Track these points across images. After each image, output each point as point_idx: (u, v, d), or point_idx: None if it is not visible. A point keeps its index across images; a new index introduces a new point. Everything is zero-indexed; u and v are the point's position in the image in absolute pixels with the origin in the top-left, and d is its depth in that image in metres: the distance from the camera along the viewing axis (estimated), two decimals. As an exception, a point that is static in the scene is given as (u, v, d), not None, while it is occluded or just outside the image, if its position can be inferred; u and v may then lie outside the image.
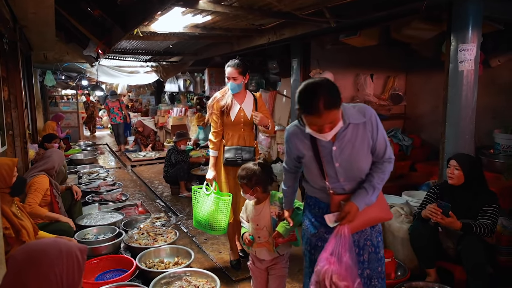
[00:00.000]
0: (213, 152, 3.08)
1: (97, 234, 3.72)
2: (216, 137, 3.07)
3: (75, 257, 1.20)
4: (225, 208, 2.88)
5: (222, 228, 2.93)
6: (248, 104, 3.06)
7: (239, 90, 2.99)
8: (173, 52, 6.75)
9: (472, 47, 2.80)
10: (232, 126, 3.05)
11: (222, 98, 3.04)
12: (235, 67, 2.93)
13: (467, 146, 2.98)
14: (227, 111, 3.00)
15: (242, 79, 2.97)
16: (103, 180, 5.99)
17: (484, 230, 2.49)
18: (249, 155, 2.98)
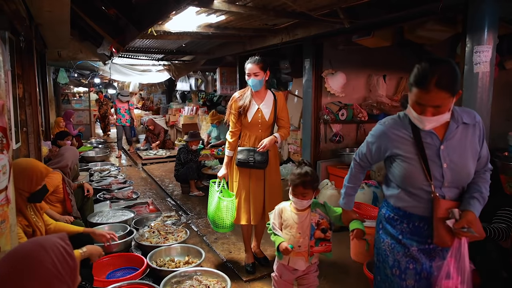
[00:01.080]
0: (228, 151, 3.09)
1: None
2: (233, 137, 3.07)
3: (59, 245, 1.20)
4: (226, 208, 2.96)
5: (224, 227, 3.03)
6: (268, 104, 3.02)
7: (260, 87, 2.97)
8: (185, 51, 6.80)
9: (488, 48, 2.77)
10: (249, 127, 3.02)
11: (241, 98, 3.03)
12: (255, 63, 2.92)
13: (481, 148, 2.95)
14: (245, 112, 2.98)
15: (263, 75, 2.95)
16: (114, 178, 6.07)
17: (499, 233, 2.47)
18: (262, 157, 2.94)
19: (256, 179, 3.04)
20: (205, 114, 9.47)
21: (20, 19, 3.15)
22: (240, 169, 3.03)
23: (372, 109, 5.24)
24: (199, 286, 2.73)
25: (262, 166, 2.95)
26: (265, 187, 3.05)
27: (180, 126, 9.99)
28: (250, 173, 3.03)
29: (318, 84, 4.95)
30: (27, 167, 2.34)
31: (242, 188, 3.06)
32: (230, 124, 3.08)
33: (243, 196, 3.05)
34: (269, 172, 3.05)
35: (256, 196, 3.03)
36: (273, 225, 2.26)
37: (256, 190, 3.04)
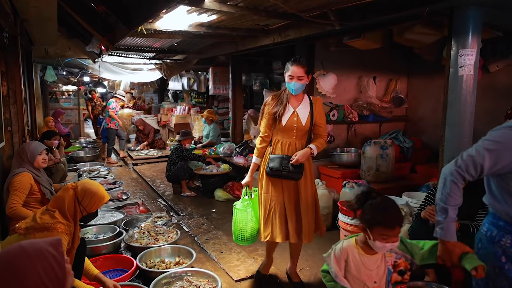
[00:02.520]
0: (256, 158, 2.85)
1: (97, 233, 3.71)
2: (262, 142, 2.81)
3: (49, 253, 1.09)
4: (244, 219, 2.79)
5: (243, 239, 2.82)
6: (304, 108, 2.75)
7: (301, 91, 2.73)
8: (177, 50, 6.81)
9: (472, 52, 2.86)
10: (283, 132, 2.74)
11: (275, 102, 2.75)
12: (301, 65, 2.64)
13: (465, 148, 3.02)
14: (279, 117, 2.70)
15: (307, 79, 2.69)
16: (103, 178, 6.00)
17: (481, 231, 2.55)
18: (296, 167, 2.65)
19: (288, 192, 2.75)
20: (197, 114, 9.48)
21: (4, 14, 3.08)
22: (271, 179, 2.75)
23: (363, 110, 5.33)
24: (189, 287, 2.73)
25: (296, 176, 2.67)
26: (300, 201, 2.74)
27: (172, 125, 9.98)
28: (282, 185, 2.75)
29: (310, 84, 5.01)
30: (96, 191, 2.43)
31: (274, 201, 2.75)
32: (261, 129, 2.82)
33: (277, 210, 2.73)
34: (304, 184, 2.75)
35: (291, 211, 2.75)
36: (336, 273, 1.76)
37: (290, 204, 2.75)
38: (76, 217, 2.36)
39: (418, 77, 5.78)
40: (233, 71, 7.05)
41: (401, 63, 5.76)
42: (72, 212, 2.33)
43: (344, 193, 3.98)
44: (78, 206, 2.35)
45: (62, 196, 2.35)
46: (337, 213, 3.51)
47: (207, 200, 5.29)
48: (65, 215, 2.30)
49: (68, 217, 2.31)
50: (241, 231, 2.80)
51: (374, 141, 4.50)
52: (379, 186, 4.28)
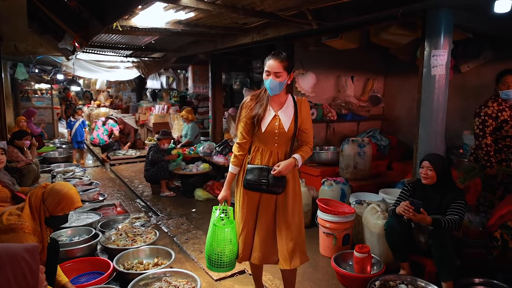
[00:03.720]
0: (232, 167, 2.45)
1: (71, 235, 3.60)
2: (240, 150, 2.43)
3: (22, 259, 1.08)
4: (223, 241, 2.34)
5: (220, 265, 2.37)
6: (288, 111, 2.38)
7: (279, 91, 2.32)
8: (155, 48, 6.72)
9: (444, 53, 2.97)
10: (263, 138, 2.37)
11: (253, 103, 2.40)
12: (279, 59, 2.27)
13: (438, 146, 3.16)
14: (259, 121, 2.34)
15: (286, 77, 2.31)
16: (79, 179, 5.83)
17: (452, 224, 2.64)
18: (277, 180, 2.32)
19: (265, 207, 2.40)
20: (176, 113, 9.38)
21: (-30, 9, 2.98)
22: (248, 193, 2.40)
23: (341, 109, 5.42)
24: (168, 287, 2.71)
25: (277, 190, 2.34)
26: (277, 218, 2.40)
27: (150, 125, 9.82)
28: (261, 199, 2.40)
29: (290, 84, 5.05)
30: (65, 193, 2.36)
31: (247, 216, 2.41)
32: (238, 135, 2.45)
33: (247, 227, 2.41)
34: (284, 201, 2.39)
35: (263, 228, 2.40)
36: None
37: (264, 221, 2.40)
38: (40, 217, 2.29)
39: (394, 77, 5.94)
40: (212, 69, 7.02)
41: (378, 63, 5.90)
42: (38, 212, 2.29)
43: (323, 190, 4.05)
44: (42, 205, 2.29)
45: (33, 194, 2.32)
46: (316, 210, 3.56)
47: (187, 200, 5.24)
48: (32, 214, 2.25)
49: (35, 216, 2.26)
50: (220, 255, 2.35)
51: (352, 139, 4.58)
52: (357, 184, 4.37)
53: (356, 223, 3.47)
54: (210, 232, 2.40)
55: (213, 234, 2.37)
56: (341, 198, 4.05)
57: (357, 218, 3.46)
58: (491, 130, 3.18)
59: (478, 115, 3.22)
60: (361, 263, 2.89)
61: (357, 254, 2.90)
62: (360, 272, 2.88)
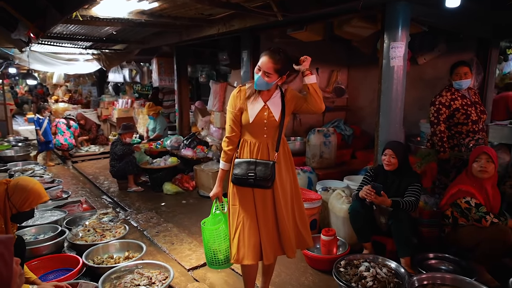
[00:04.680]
0: (223, 164, 2.37)
1: (36, 234, 3.50)
2: (229, 144, 2.33)
3: None
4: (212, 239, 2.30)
5: (218, 262, 2.34)
6: (276, 101, 2.30)
7: (265, 89, 2.27)
8: (117, 39, 6.50)
9: (402, 45, 3.14)
10: (251, 130, 2.29)
11: (241, 94, 2.32)
12: (273, 60, 2.17)
13: (397, 134, 3.35)
14: (247, 111, 2.27)
15: (276, 79, 2.22)
16: (39, 177, 5.56)
17: (410, 205, 2.84)
18: (265, 172, 2.20)
19: (263, 201, 2.28)
20: (141, 107, 9.18)
21: None
22: (239, 188, 2.30)
23: (306, 100, 5.54)
24: (140, 279, 2.71)
25: (265, 184, 2.21)
26: (277, 209, 2.29)
27: (114, 120, 9.56)
28: (255, 194, 2.29)
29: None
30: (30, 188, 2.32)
31: (243, 213, 2.28)
32: (227, 128, 2.34)
33: (246, 225, 2.26)
34: (282, 188, 2.30)
35: (267, 224, 2.28)
36: None
37: (266, 216, 2.28)
38: (6, 214, 2.23)
39: (357, 69, 6.15)
40: (178, 62, 6.93)
41: (341, 55, 6.08)
42: (3, 209, 2.22)
43: (291, 179, 4.15)
44: (7, 202, 2.24)
45: None
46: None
47: (156, 194, 5.20)
48: None
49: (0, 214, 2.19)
50: (214, 254, 2.32)
51: (318, 129, 4.73)
52: (323, 172, 4.53)
53: (323, 209, 3.62)
54: (203, 234, 2.38)
55: (204, 236, 2.36)
56: (308, 186, 4.19)
57: (323, 204, 3.60)
58: (444, 118, 3.40)
59: (433, 104, 3.44)
60: (327, 246, 3.03)
61: (323, 237, 3.03)
62: (327, 253, 3.02)
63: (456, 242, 2.91)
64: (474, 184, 2.81)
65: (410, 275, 2.62)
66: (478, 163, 2.80)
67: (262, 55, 2.22)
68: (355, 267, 2.79)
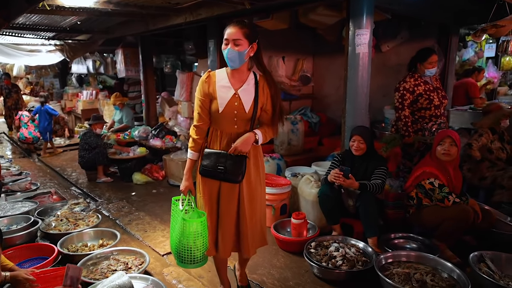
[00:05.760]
0: (190, 153, 2.22)
1: (8, 224, 3.46)
2: (198, 133, 2.19)
3: None
4: (194, 234, 2.06)
5: (193, 260, 2.11)
6: (249, 89, 2.13)
7: (239, 64, 2.07)
8: (80, 29, 6.27)
9: (366, 32, 3.23)
10: (221, 120, 2.15)
11: (210, 79, 2.15)
12: (239, 26, 2.03)
13: (363, 119, 3.46)
14: (215, 100, 2.12)
15: (247, 47, 2.05)
16: (6, 170, 5.48)
17: (376, 188, 2.97)
18: (235, 166, 2.10)
19: (227, 196, 2.19)
20: (106, 98, 8.92)
21: None
22: (207, 180, 2.20)
23: (274, 89, 5.60)
24: (117, 264, 2.75)
25: (234, 179, 2.13)
26: (240, 206, 2.20)
27: (79, 112, 9.25)
28: (221, 186, 2.20)
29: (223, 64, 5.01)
30: None
31: (207, 205, 2.21)
32: (195, 116, 2.20)
33: (209, 218, 2.20)
34: (248, 184, 2.21)
35: (227, 218, 2.20)
36: None
37: (227, 210, 2.20)
38: None
39: (322, 57, 6.27)
40: (143, 52, 6.79)
41: (307, 44, 6.17)
42: None
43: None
44: None
45: None
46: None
47: (125, 185, 5.14)
48: None
49: None
50: (191, 251, 2.09)
51: (285, 117, 4.79)
52: (291, 159, 4.63)
53: (292, 194, 3.71)
54: (178, 227, 2.10)
55: (182, 229, 2.07)
56: (277, 172, 4.27)
57: (292, 189, 3.69)
58: (408, 103, 3.50)
59: (398, 90, 3.55)
60: (298, 229, 3.12)
61: (294, 221, 3.12)
62: (297, 236, 3.11)
63: (420, 221, 3.06)
64: (437, 166, 2.94)
65: (377, 254, 2.75)
66: (442, 146, 2.93)
67: (227, 27, 2.07)
68: (325, 248, 2.90)
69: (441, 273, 2.51)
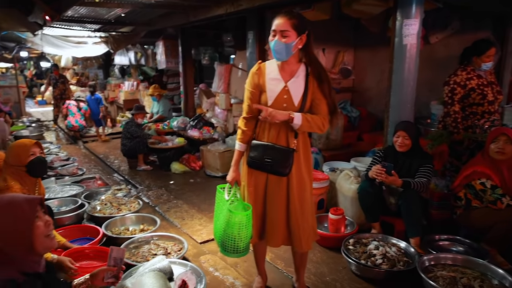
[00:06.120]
0: (238, 144, 2.20)
1: (58, 206, 3.68)
2: (246, 125, 2.17)
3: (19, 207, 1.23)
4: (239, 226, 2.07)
5: (236, 250, 2.12)
6: (298, 82, 2.07)
7: (286, 56, 2.01)
8: (124, 21, 6.48)
9: (415, 22, 3.06)
10: None
11: (261, 71, 2.12)
12: (287, 16, 1.96)
13: (408, 114, 3.31)
14: (265, 93, 2.09)
15: (295, 39, 1.97)
16: (55, 155, 5.83)
17: (421, 186, 2.83)
18: (282, 158, 2.07)
19: (274, 189, 2.16)
20: (146, 89, 9.17)
21: None
22: (254, 171, 2.18)
23: (313, 82, 5.49)
24: (157, 249, 2.84)
25: (282, 171, 2.09)
26: (290, 199, 2.16)
27: (121, 102, 9.60)
28: (268, 180, 2.17)
29: (262, 56, 5.05)
30: (13, 145, 2.56)
31: (254, 196, 2.19)
32: (244, 107, 2.18)
33: (255, 208, 2.18)
34: (298, 177, 2.15)
35: (275, 211, 2.18)
36: None
37: (275, 202, 2.17)
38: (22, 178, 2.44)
39: (363, 49, 6.05)
40: (183, 44, 6.89)
41: (348, 35, 5.97)
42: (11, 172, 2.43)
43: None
44: (11, 167, 2.45)
45: None
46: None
47: (164, 173, 5.29)
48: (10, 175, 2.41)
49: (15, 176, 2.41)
50: (235, 241, 2.10)
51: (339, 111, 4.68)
52: (329, 153, 4.53)
53: (330, 189, 3.63)
54: (223, 216, 2.13)
55: (227, 219, 2.09)
56: (314, 167, 4.19)
57: (330, 184, 3.61)
58: (459, 98, 3.28)
59: (448, 83, 3.34)
60: (335, 224, 3.06)
61: (332, 216, 3.06)
62: (334, 232, 3.05)
63: (469, 224, 2.87)
64: (490, 166, 2.74)
65: (420, 255, 2.63)
66: (496, 144, 2.73)
67: (275, 19, 2.00)
68: (364, 245, 2.82)
69: (491, 279, 2.36)
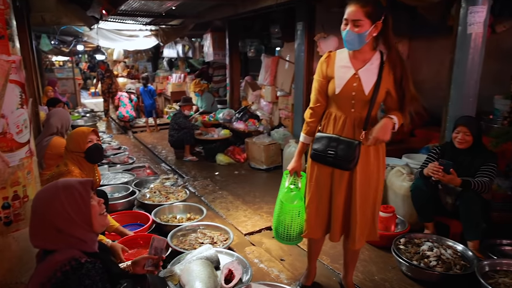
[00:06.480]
0: (303, 136, 2.16)
1: (111, 192, 3.87)
2: (312, 116, 2.11)
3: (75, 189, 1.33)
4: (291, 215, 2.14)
5: (288, 237, 2.20)
6: (371, 70, 1.93)
7: (359, 46, 1.89)
8: (174, 14, 6.63)
9: (482, 9, 2.82)
10: (337, 102, 2.01)
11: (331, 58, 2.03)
12: (360, 3, 1.81)
13: (470, 108, 3.08)
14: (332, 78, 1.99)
15: (369, 28, 1.83)
16: (108, 144, 6.15)
17: (482, 186, 2.62)
18: (347, 152, 1.93)
19: (339, 182, 2.05)
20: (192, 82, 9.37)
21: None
22: (318, 165, 2.09)
23: (363, 74, 5.29)
24: (204, 238, 2.91)
25: (345, 165, 1.96)
26: (352, 196, 2.05)
27: (168, 94, 9.89)
28: (333, 174, 2.07)
29: (311, 48, 4.95)
30: (73, 133, 2.66)
31: (317, 190, 2.11)
32: (312, 97, 2.10)
33: (315, 203, 2.13)
34: (364, 172, 2.02)
35: (335, 205, 2.10)
36: None
37: (335, 197, 2.08)
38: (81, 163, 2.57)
39: (419, 39, 5.72)
40: (230, 36, 6.92)
41: (402, 25, 5.67)
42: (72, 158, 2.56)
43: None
44: (71, 154, 2.57)
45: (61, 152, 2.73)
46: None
47: (209, 164, 5.39)
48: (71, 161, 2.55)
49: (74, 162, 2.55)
50: (287, 229, 2.18)
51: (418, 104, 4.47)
52: (380, 149, 4.34)
53: (381, 186, 3.48)
54: (279, 203, 2.20)
55: (280, 207, 2.18)
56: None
57: (381, 181, 3.46)
58: (527, 92, 3.05)
59: None
60: (385, 222, 2.93)
61: (382, 214, 2.93)
62: (384, 230, 2.92)
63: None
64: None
65: (479, 259, 2.46)
66: None
67: (347, 6, 1.86)
68: (416, 246, 2.69)
69: (561, 290, 2.15)
